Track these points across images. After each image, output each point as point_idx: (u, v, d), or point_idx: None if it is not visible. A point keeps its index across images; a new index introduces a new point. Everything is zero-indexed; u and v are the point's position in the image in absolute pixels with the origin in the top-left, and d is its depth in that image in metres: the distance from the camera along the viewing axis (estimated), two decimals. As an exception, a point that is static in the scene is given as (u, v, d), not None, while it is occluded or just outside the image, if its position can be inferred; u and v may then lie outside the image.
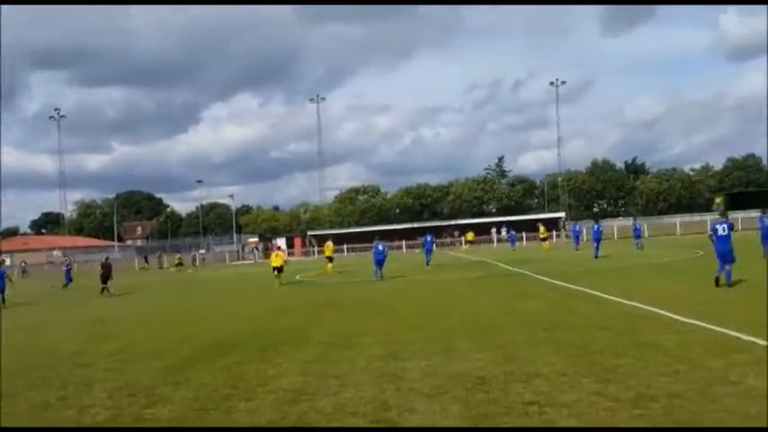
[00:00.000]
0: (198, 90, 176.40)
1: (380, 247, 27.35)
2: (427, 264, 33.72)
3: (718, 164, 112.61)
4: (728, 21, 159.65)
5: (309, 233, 76.39)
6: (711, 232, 15.93)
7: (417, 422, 6.21)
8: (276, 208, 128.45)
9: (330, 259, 34.27)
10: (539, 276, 22.29)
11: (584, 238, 48.18)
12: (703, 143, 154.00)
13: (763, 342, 8.55)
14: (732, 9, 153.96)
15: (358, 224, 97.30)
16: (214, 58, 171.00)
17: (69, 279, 36.21)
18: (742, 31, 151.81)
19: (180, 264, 55.03)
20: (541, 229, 50.38)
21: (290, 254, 68.47)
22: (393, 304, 16.85)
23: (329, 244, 35.20)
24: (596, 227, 34.77)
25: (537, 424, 5.87)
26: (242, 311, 17.83)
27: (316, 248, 66.31)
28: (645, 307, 12.63)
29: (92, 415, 7.21)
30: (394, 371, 8.37)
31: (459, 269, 30.57)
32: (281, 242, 70.34)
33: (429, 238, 36.40)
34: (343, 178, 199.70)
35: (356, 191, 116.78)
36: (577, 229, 46.58)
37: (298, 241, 74.87)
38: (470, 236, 63.99)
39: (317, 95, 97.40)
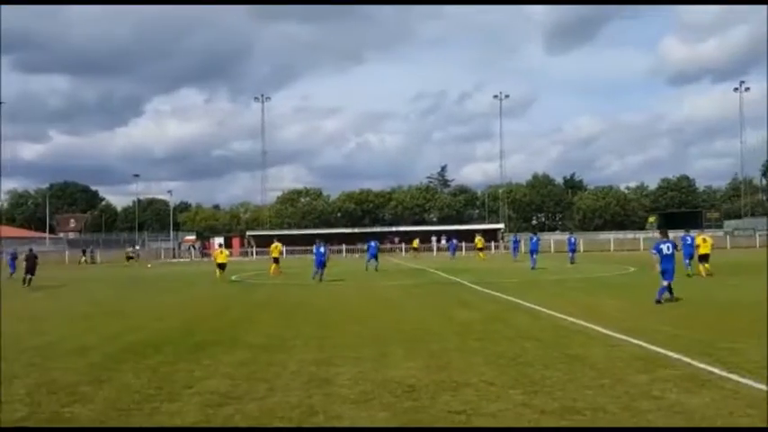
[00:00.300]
0: (141, 82, 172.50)
1: (321, 249, 27.57)
2: (367, 269, 34.37)
3: (652, 184, 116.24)
4: (669, 45, 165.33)
5: (249, 233, 75.48)
6: (656, 252, 16.21)
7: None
8: (216, 206, 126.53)
9: (276, 260, 34.04)
10: (476, 286, 22.49)
11: (523, 250, 48.98)
12: (639, 163, 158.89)
13: (686, 359, 8.78)
14: (673, 35, 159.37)
15: (299, 226, 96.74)
16: (160, 51, 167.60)
17: (14, 269, 34.83)
18: (681, 57, 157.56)
19: (130, 257, 53.65)
20: (477, 239, 51.20)
21: (207, 255, 67.49)
22: (329, 309, 16.72)
23: (277, 245, 34.95)
24: (534, 239, 35.90)
25: (463, 434, 5.87)
26: (175, 310, 17.42)
27: (254, 249, 65.58)
28: (576, 321, 12.85)
29: (9, 412, 6.88)
30: (324, 376, 8.28)
31: (397, 276, 30.64)
32: (219, 241, 69.30)
33: (374, 244, 36.93)
34: (286, 179, 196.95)
35: (298, 193, 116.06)
36: (517, 240, 47.36)
37: (236, 241, 73.93)
38: (416, 243, 64.37)
39: (262, 95, 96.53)
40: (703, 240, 25.62)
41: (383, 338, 11.25)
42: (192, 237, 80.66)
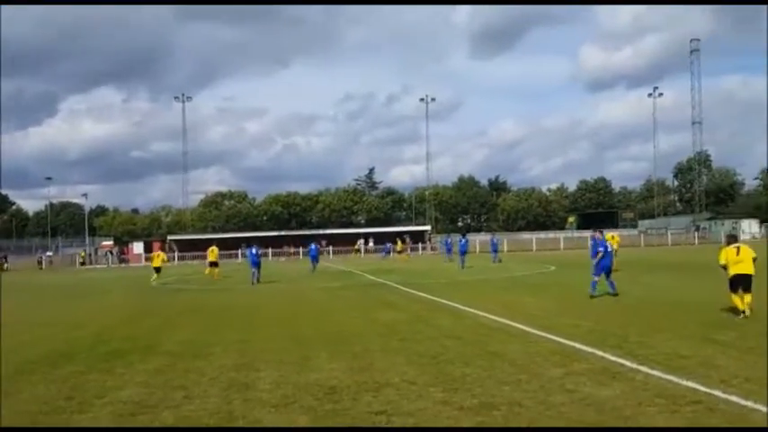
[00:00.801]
0: (55, 80, 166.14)
1: (254, 251, 28.69)
2: (311, 269, 35.53)
3: (572, 185, 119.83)
4: (587, 53, 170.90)
5: (170, 238, 73.61)
6: (602, 249, 17.00)
7: (263, 433, 6.07)
8: (135, 210, 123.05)
9: (214, 264, 33.48)
10: (401, 287, 22.63)
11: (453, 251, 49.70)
12: (560, 166, 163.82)
13: (600, 352, 9.09)
14: (591, 43, 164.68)
15: (223, 230, 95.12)
16: (75, 48, 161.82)
17: None
18: (598, 64, 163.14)
19: (83, 263, 51.80)
20: (398, 242, 53.89)
21: (147, 259, 65.69)
22: (252, 312, 16.51)
23: (213, 248, 34.32)
24: (463, 241, 37.39)
25: (382, 433, 5.89)
26: (89, 318, 16.80)
27: (176, 254, 64.05)
28: (497, 319, 13.11)
29: None
30: (245, 381, 8.17)
31: (323, 278, 30.50)
32: (138, 247, 67.37)
33: (314, 247, 37.91)
34: (210, 182, 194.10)
35: (222, 195, 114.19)
36: (448, 242, 48.74)
37: (156, 246, 71.60)
38: (358, 245, 65.01)
39: (183, 94, 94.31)
40: (611, 237, 27.39)
41: (306, 341, 11.18)
42: (110, 242, 77.97)
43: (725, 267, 12.83)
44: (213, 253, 33.67)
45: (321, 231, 76.30)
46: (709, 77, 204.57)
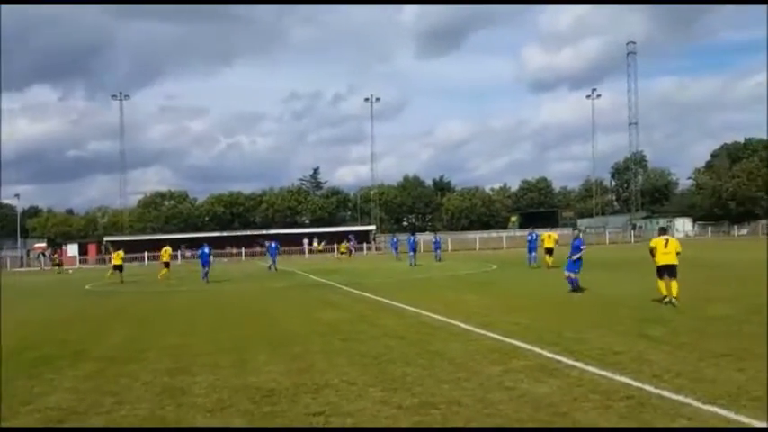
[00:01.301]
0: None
1: (206, 251, 30.22)
2: (273, 268, 36.88)
3: (514, 185, 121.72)
4: (530, 54, 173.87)
5: (107, 239, 71.66)
6: (585, 246, 18.44)
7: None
8: (70, 211, 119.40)
9: (167, 265, 33.28)
10: (345, 287, 22.56)
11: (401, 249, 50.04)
12: (504, 166, 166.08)
13: (537, 349, 9.22)
14: (534, 44, 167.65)
15: (163, 231, 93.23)
16: (8, 46, 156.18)
17: None
18: (541, 65, 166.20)
19: (59, 264, 49.86)
20: (343, 243, 56.23)
21: (83, 261, 63.93)
22: (190, 315, 16.20)
23: (167, 249, 34.22)
24: (412, 239, 39.57)
25: (320, 435, 5.82)
26: (18, 323, 16.15)
27: (113, 256, 62.49)
28: (439, 317, 13.17)
29: None
30: (179, 385, 7.98)
31: (266, 279, 30.20)
32: (73, 249, 65.44)
33: (273, 245, 39.67)
34: (150, 182, 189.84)
35: (162, 196, 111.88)
36: (395, 241, 50.12)
37: (92, 248, 69.78)
38: (320, 246, 64.97)
39: (120, 93, 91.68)
40: (548, 236, 29.91)
41: (245, 343, 10.99)
42: (43, 244, 75.44)
43: (652, 253, 14.56)
44: (167, 253, 33.61)
45: (265, 231, 75.47)
46: (646, 79, 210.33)
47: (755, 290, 16.06)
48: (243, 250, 63.85)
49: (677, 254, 14.32)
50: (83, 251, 67.10)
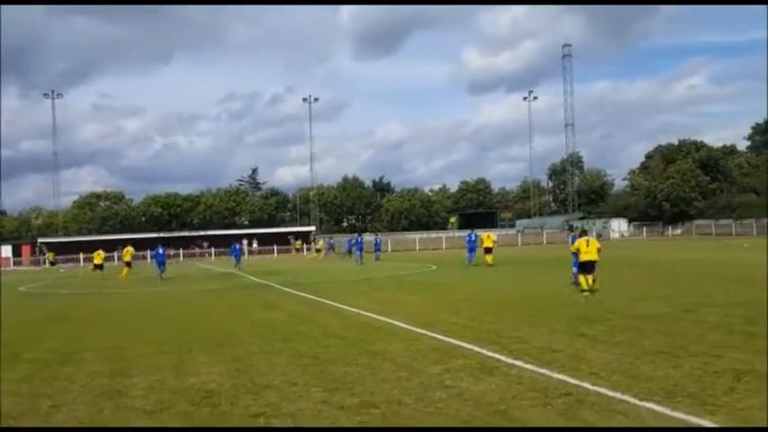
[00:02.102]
0: None
1: (161, 251, 32.78)
2: (238, 267, 38.29)
3: (453, 186, 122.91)
4: (469, 56, 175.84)
5: (41, 240, 69.40)
6: (573, 241, 18.94)
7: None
8: (2, 212, 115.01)
9: (128, 264, 33.39)
10: (285, 288, 22.40)
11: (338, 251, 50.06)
12: (443, 167, 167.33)
13: (477, 348, 9.33)
14: (472, 46, 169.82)
15: (98, 232, 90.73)
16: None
17: None
18: (480, 67, 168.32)
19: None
20: (320, 241, 57.94)
21: (17, 263, 61.84)
22: (128, 317, 15.81)
23: (129, 249, 34.52)
24: (359, 239, 42.89)
25: (261, 436, 5.76)
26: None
27: (47, 257, 60.53)
28: (380, 317, 13.20)
29: None
30: (117, 388, 7.80)
31: (205, 280, 29.73)
32: (6, 250, 63.24)
33: (237, 247, 41.90)
34: (84, 182, 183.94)
35: (97, 196, 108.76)
36: (332, 242, 53.64)
37: (26, 249, 67.60)
38: (298, 244, 66.04)
39: (53, 91, 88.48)
40: (487, 236, 31.49)
41: (184, 345, 10.79)
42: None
43: (575, 254, 17.02)
44: (128, 253, 34.00)
45: (203, 233, 74.30)
46: (584, 82, 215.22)
47: (689, 289, 16.65)
48: (181, 251, 62.70)
49: (598, 250, 16.47)
50: (16, 252, 64.87)
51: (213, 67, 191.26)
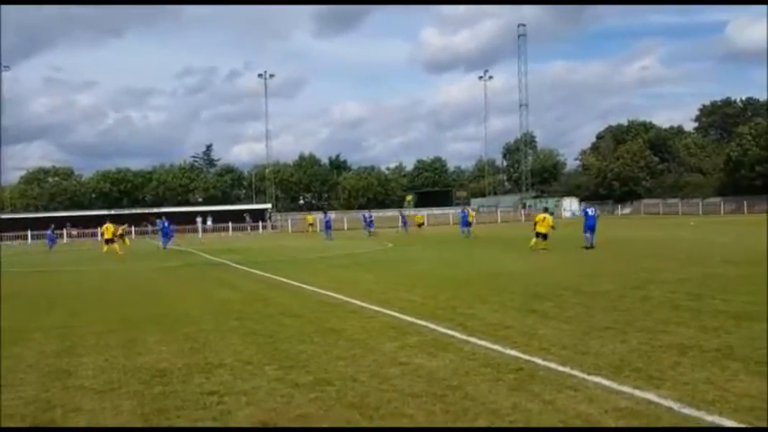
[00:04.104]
0: None
1: (166, 223, 38.43)
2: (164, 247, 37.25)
3: (410, 165, 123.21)
4: (428, 35, 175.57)
5: (-14, 216, 67.41)
6: (584, 213, 25.14)
7: (83, 422, 5.70)
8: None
9: (110, 241, 33.74)
10: (241, 267, 22.23)
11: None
12: (400, 145, 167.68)
13: (432, 325, 9.42)
14: (431, 26, 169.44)
15: (47, 209, 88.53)
16: None
17: None
18: (438, 47, 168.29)
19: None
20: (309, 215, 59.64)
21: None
22: (77, 296, 15.49)
23: (108, 226, 34.51)
24: (327, 217, 46.12)
25: (214, 414, 5.72)
26: None
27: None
28: (336, 295, 13.21)
29: None
30: (65, 367, 7.65)
31: (157, 258, 29.29)
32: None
33: (166, 223, 39.50)
34: (33, 158, 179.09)
35: (45, 172, 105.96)
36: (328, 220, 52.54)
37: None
38: (310, 218, 63.32)
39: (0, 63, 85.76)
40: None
41: (136, 324, 10.64)
42: None
43: (535, 223, 24.31)
44: (109, 230, 34.17)
45: (156, 210, 72.99)
46: (539, 63, 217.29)
47: (637, 266, 17.05)
48: (132, 229, 61.51)
49: (550, 227, 23.87)
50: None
51: (169, 40, 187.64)
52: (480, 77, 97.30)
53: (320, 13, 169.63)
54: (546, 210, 24.38)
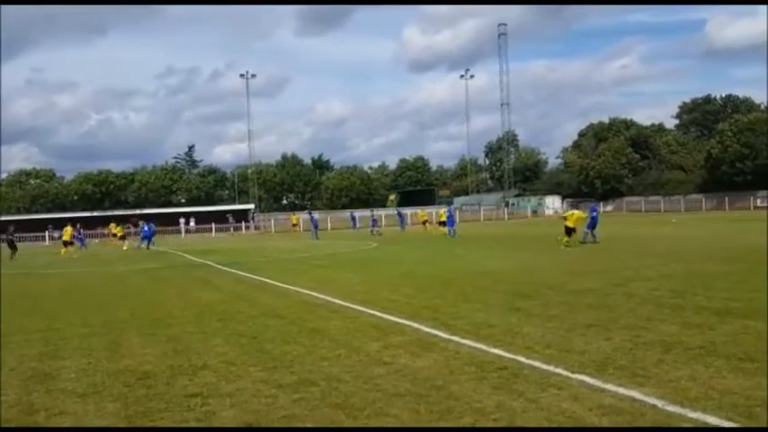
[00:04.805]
0: None
1: (146, 228, 39.25)
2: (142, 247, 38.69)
3: (393, 164, 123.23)
4: (411, 34, 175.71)
5: (-35, 219, 66.57)
6: (593, 210, 26.66)
7: (67, 425, 5.66)
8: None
9: (67, 243, 34.40)
10: (224, 267, 22.14)
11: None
12: (383, 144, 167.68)
13: (416, 324, 9.43)
14: (414, 25, 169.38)
15: (29, 211, 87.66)
16: None
17: None
18: (422, 45, 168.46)
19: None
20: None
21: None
22: (61, 297, 15.37)
23: (68, 228, 35.26)
24: (314, 217, 47.00)
25: (198, 416, 5.70)
26: None
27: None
28: (320, 296, 13.18)
29: None
30: (48, 371, 7.59)
31: (141, 260, 29.09)
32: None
33: (146, 227, 40.25)
34: (15, 160, 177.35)
35: (27, 174, 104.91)
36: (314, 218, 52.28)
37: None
38: (295, 218, 63.07)
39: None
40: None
41: (119, 326, 10.57)
42: None
43: (565, 218, 25.03)
44: (66, 233, 34.94)
45: (138, 211, 72.44)
46: (521, 61, 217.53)
47: (621, 263, 17.18)
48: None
49: (577, 219, 24.82)
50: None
51: (151, 40, 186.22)
52: (462, 76, 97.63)
53: (304, 12, 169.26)
54: (574, 206, 25.37)
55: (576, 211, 26.20)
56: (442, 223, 38.80)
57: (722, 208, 67.63)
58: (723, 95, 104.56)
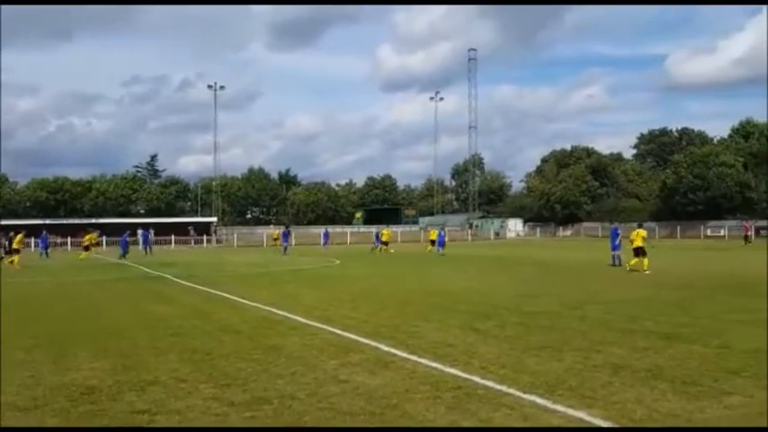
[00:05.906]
0: None
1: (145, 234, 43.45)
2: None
3: (361, 182, 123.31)
4: (385, 54, 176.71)
5: None
6: (614, 231, 26.62)
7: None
8: None
9: (16, 251, 32.20)
10: (180, 281, 21.77)
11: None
12: (352, 162, 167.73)
13: (374, 343, 9.34)
14: (388, 44, 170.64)
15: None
16: None
17: None
18: (395, 65, 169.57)
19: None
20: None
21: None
22: (6, 309, 14.85)
23: (19, 236, 33.07)
24: (286, 231, 46.29)
25: (144, 434, 5.52)
26: None
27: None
28: (279, 312, 13.00)
29: None
30: (-12, 384, 7.29)
31: (94, 271, 28.46)
32: None
33: (145, 234, 44.27)
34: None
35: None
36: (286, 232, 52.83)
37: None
38: (276, 233, 60.81)
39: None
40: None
41: (66, 339, 10.25)
42: None
43: (631, 240, 23.24)
44: (18, 240, 33.01)
45: (93, 220, 71.04)
46: (490, 85, 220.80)
47: (577, 286, 17.34)
48: (69, 240, 59.67)
49: (643, 238, 22.93)
50: None
51: (119, 46, 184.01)
52: (431, 98, 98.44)
53: (277, 25, 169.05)
54: (641, 225, 24.15)
55: (641, 230, 23.32)
56: (433, 242, 41.25)
57: (674, 236, 69.05)
58: (679, 128, 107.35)
